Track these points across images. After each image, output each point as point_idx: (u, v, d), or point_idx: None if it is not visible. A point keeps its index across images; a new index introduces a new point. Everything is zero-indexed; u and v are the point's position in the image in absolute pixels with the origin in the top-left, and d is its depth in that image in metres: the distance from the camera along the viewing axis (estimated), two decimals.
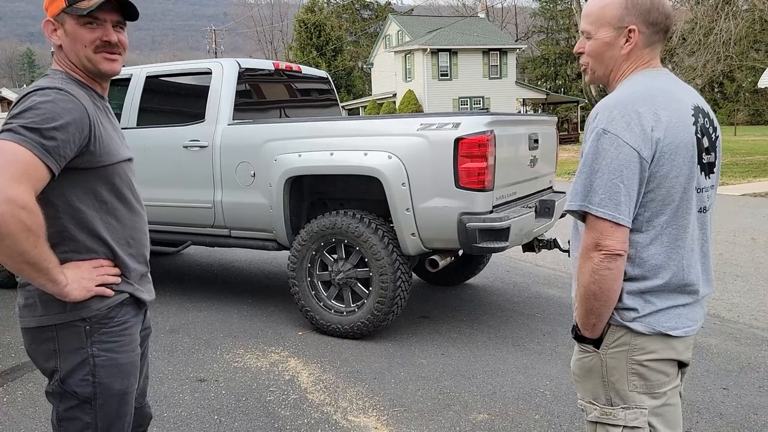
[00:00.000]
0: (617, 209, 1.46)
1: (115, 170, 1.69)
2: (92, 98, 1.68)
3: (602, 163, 1.47)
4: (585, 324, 1.59)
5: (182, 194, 4.92)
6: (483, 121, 3.90)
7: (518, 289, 5.64)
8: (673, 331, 1.56)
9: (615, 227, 1.47)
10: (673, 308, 1.57)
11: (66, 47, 1.67)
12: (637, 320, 1.55)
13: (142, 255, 1.82)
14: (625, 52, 1.59)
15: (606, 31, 1.59)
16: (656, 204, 1.51)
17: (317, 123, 4.62)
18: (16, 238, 1.42)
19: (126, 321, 1.73)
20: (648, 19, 1.56)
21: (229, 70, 4.89)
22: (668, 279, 1.55)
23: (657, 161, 1.48)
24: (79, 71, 1.70)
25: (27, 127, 1.48)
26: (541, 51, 53.85)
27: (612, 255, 1.48)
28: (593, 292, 1.52)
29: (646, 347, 1.56)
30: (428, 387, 3.58)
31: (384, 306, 4.17)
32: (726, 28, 17.37)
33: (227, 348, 4.24)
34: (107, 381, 1.68)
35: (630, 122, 1.46)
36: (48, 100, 1.53)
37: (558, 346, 4.17)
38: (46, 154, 1.48)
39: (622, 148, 1.46)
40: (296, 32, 44.27)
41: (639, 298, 1.55)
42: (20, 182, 1.43)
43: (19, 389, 3.62)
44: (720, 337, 4.29)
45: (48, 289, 1.56)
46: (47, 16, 1.67)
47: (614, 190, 1.46)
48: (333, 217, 4.30)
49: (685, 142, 1.50)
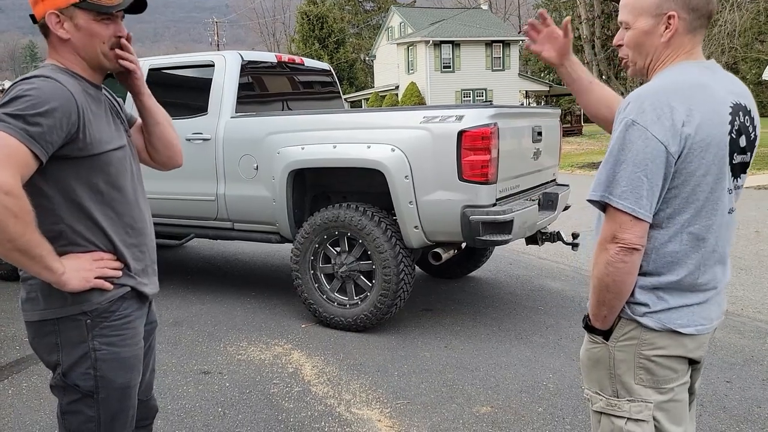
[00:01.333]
0: (638, 203, 1.44)
1: (109, 159, 1.66)
2: (83, 87, 1.65)
3: (628, 154, 1.44)
4: (596, 315, 1.59)
5: (185, 187, 4.92)
6: (486, 114, 3.89)
7: (521, 282, 5.64)
8: (684, 328, 1.54)
9: (634, 221, 1.45)
10: (686, 307, 1.54)
11: (77, 42, 1.64)
12: (648, 315, 1.54)
13: (145, 246, 1.79)
14: (665, 40, 1.53)
15: (645, 19, 1.54)
16: (679, 201, 1.48)
17: (320, 116, 4.61)
18: (2, 224, 1.41)
19: (128, 315, 1.72)
20: (689, 4, 1.50)
21: (231, 62, 4.88)
22: (683, 277, 1.52)
23: (685, 157, 1.44)
24: (85, 64, 1.67)
25: (11, 114, 1.47)
26: None
27: (628, 249, 1.46)
28: (606, 284, 1.51)
29: (655, 343, 1.55)
30: (431, 380, 3.58)
31: (387, 299, 4.17)
32: (731, 20, 17.27)
33: (231, 340, 4.25)
34: (109, 375, 1.67)
35: (661, 115, 1.42)
36: (33, 87, 1.52)
37: (561, 339, 4.17)
38: (30, 140, 1.47)
39: (650, 141, 1.42)
40: (298, 24, 44.14)
41: (651, 294, 1.54)
42: (3, 168, 1.41)
43: (24, 381, 3.64)
44: (723, 330, 4.28)
45: (44, 277, 1.55)
46: (47, 8, 1.61)
47: (637, 183, 1.43)
48: (336, 210, 4.29)
49: (717, 141, 1.45)
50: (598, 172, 1.51)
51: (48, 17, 1.62)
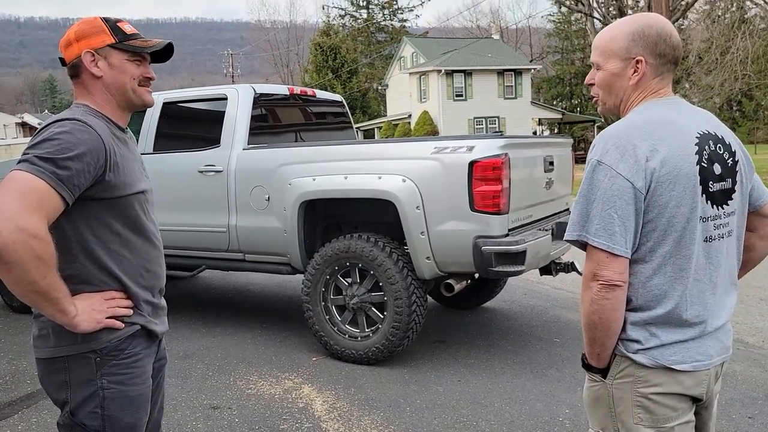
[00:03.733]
0: (612, 239, 1.47)
1: (132, 201, 1.70)
2: (111, 129, 1.70)
3: (597, 193, 1.50)
4: (590, 353, 1.62)
5: (197, 219, 4.93)
6: (497, 144, 3.88)
7: (536, 313, 5.55)
8: (678, 365, 1.53)
9: (611, 257, 1.48)
10: (679, 342, 1.54)
11: (109, 79, 1.72)
12: (641, 352, 1.54)
13: (157, 287, 1.82)
14: (633, 83, 1.61)
15: (614, 62, 1.61)
16: (658, 234, 1.50)
17: (331, 147, 4.62)
18: (26, 267, 1.42)
19: (137, 353, 1.72)
20: (655, 51, 1.58)
21: (244, 95, 4.92)
22: (671, 309, 1.52)
23: (654, 191, 1.48)
24: (114, 102, 1.74)
25: (42, 158, 1.50)
26: (556, 71, 53.83)
27: (609, 285, 1.49)
28: (593, 321, 1.54)
29: (650, 380, 1.54)
30: (445, 415, 3.50)
31: (399, 331, 4.11)
32: (743, 47, 17.27)
33: (241, 374, 4.20)
34: (116, 414, 1.66)
35: (624, 153, 1.48)
36: (64, 130, 1.56)
37: (578, 373, 4.07)
38: (59, 183, 1.50)
39: (615, 179, 1.47)
40: (312, 55, 44.78)
41: (642, 330, 1.54)
42: (33, 211, 1.44)
43: (33, 417, 3.61)
44: (744, 363, 4.17)
45: (57, 319, 1.56)
46: (82, 48, 1.69)
47: (608, 220, 1.48)
48: (347, 241, 4.27)
49: (685, 172, 1.49)
50: (572, 213, 1.56)
51: (84, 56, 1.70)
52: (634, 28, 1.59)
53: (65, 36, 1.74)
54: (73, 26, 1.75)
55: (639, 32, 1.58)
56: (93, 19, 1.74)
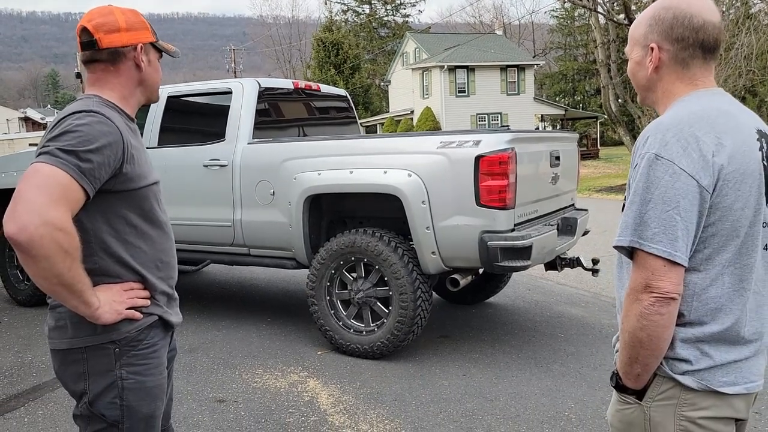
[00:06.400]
0: (673, 245, 1.29)
1: (147, 193, 1.71)
2: (125, 120, 1.71)
3: (655, 192, 1.30)
4: (628, 373, 1.41)
5: (202, 213, 4.93)
6: (504, 139, 3.86)
7: (540, 308, 5.55)
8: (730, 387, 1.36)
9: (670, 266, 1.29)
10: (733, 363, 1.37)
11: (146, 74, 1.78)
12: (689, 374, 1.36)
13: (171, 278, 1.83)
14: (650, 71, 1.47)
15: (637, 50, 1.51)
16: (719, 239, 1.33)
17: (336, 141, 4.62)
18: (53, 260, 1.43)
19: (155, 344, 1.73)
20: (671, 35, 1.43)
21: (249, 89, 4.92)
22: (729, 325, 1.36)
23: (720, 190, 1.30)
24: (135, 96, 1.78)
25: (64, 150, 1.50)
26: (559, 67, 53.69)
27: (665, 298, 1.30)
28: (640, 339, 1.34)
29: (698, 403, 1.37)
30: (450, 409, 3.51)
31: (404, 326, 4.11)
32: (747, 43, 17.20)
33: (246, 368, 4.21)
34: (135, 404, 1.67)
35: (687, 146, 1.30)
36: (84, 123, 1.55)
37: (582, 368, 4.07)
38: (82, 176, 1.50)
39: (679, 175, 1.28)
40: (314, 51, 44.69)
41: (694, 348, 1.37)
42: (59, 204, 1.44)
43: (39, 409, 3.62)
44: None
45: (80, 311, 1.56)
46: (132, 40, 1.71)
47: (670, 223, 1.29)
48: (352, 236, 4.27)
49: (751, 170, 1.34)
50: (624, 215, 1.37)
51: (137, 47, 1.74)
52: (654, 11, 1.45)
53: (105, 20, 1.69)
54: (113, 11, 1.71)
55: (656, 16, 1.44)
56: (135, 12, 1.77)
